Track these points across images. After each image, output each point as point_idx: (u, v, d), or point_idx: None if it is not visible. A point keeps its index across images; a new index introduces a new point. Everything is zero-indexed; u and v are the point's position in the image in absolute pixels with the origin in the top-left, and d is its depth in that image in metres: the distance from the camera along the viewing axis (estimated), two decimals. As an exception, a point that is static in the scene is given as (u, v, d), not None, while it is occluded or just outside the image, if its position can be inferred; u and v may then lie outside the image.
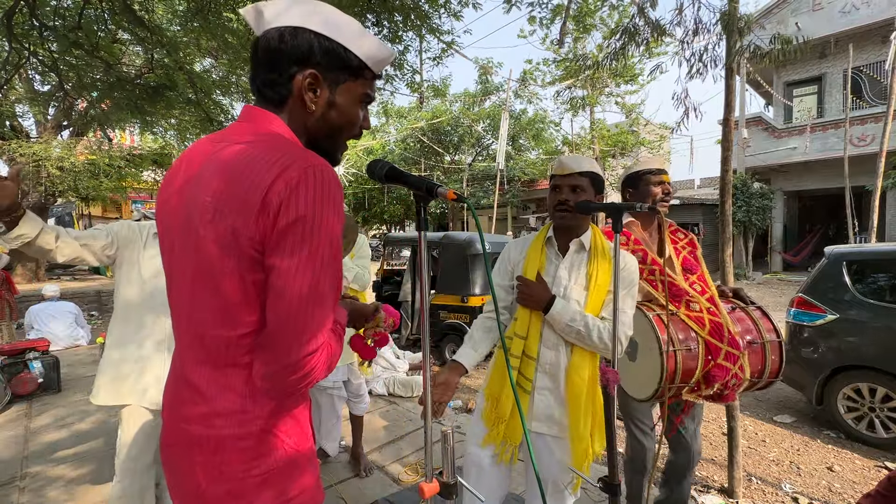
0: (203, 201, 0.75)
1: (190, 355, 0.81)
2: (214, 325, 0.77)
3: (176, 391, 0.84)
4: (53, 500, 2.55)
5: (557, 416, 1.53)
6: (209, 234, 0.74)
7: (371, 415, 3.73)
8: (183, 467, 0.82)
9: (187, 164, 0.83)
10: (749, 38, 2.79)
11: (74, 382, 4.72)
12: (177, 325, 0.85)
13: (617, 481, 1.40)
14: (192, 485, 0.80)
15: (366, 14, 4.99)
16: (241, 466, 0.78)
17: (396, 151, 24.71)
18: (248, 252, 0.73)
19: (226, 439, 0.77)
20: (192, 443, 0.79)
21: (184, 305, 0.82)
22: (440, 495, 1.02)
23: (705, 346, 1.73)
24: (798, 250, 15.12)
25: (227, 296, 0.75)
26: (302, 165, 0.72)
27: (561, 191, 1.54)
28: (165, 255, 0.86)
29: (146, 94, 6.10)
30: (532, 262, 1.58)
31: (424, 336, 1.02)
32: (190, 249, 0.78)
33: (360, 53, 0.85)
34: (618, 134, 18.43)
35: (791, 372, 3.93)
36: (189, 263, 0.78)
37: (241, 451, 0.78)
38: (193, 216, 0.76)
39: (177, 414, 0.82)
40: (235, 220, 0.72)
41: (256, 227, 0.71)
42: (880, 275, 3.62)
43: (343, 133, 0.90)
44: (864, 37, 12.78)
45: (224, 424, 0.77)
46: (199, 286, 0.78)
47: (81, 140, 11.83)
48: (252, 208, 0.71)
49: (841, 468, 3.13)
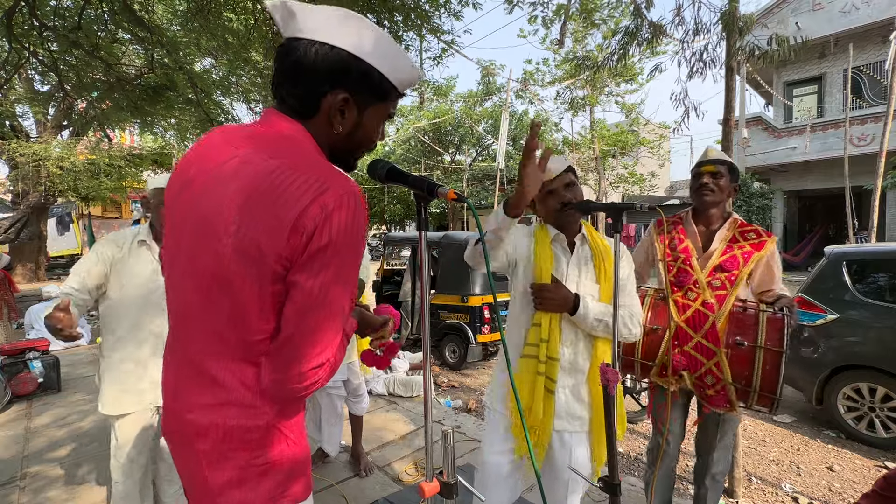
0: (227, 212, 0.75)
1: (207, 347, 0.81)
2: (229, 327, 0.79)
3: (184, 381, 0.84)
4: (53, 499, 2.55)
5: (578, 411, 1.54)
6: (230, 243, 0.75)
7: (371, 415, 3.73)
8: (185, 454, 0.84)
9: (199, 167, 0.82)
10: (749, 38, 2.79)
11: (74, 382, 4.72)
12: (188, 318, 0.84)
13: (617, 481, 1.40)
14: (196, 471, 0.82)
15: (365, 14, 4.99)
16: (245, 455, 0.80)
17: (398, 151, 24.71)
18: (272, 267, 0.74)
19: (234, 429, 0.79)
20: (198, 431, 0.80)
21: (197, 303, 0.81)
22: (440, 495, 1.02)
23: (675, 332, 1.80)
24: (798, 250, 15.12)
25: (244, 304, 0.77)
26: (338, 192, 0.74)
27: (559, 192, 1.56)
28: (170, 249, 0.86)
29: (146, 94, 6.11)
30: (545, 263, 1.55)
31: (425, 336, 1.02)
32: (208, 252, 0.78)
33: (392, 78, 0.84)
34: (618, 134, 18.42)
35: (791, 372, 3.93)
36: (207, 266, 0.78)
37: (247, 441, 0.80)
38: (214, 223, 0.76)
39: (183, 403, 0.83)
40: (262, 238, 0.73)
41: (287, 245, 0.72)
42: (880, 275, 3.62)
43: (362, 148, 0.91)
44: (865, 36, 12.78)
45: (235, 415, 0.79)
46: (216, 290, 0.78)
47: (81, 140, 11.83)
48: (284, 228, 0.72)
49: (841, 468, 3.13)
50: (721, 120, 2.79)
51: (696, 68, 2.97)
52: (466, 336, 5.33)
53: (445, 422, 3.61)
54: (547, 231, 1.60)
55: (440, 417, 3.69)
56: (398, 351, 1.26)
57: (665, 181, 25.11)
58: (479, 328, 5.30)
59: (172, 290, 0.87)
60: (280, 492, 0.84)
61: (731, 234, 1.91)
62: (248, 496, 0.81)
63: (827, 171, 13.52)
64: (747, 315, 1.77)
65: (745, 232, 1.91)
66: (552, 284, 1.51)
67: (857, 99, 13.09)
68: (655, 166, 19.28)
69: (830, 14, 13.10)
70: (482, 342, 5.35)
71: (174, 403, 0.86)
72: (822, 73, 14.19)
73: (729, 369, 1.74)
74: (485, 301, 5.37)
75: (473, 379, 5.26)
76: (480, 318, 5.32)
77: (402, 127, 23.97)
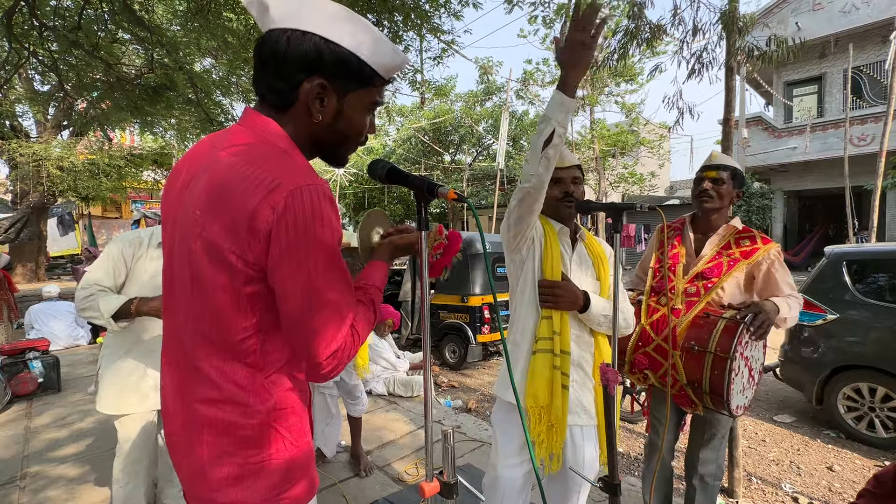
0: (194, 213, 0.76)
1: (197, 347, 0.82)
2: (213, 328, 0.79)
3: (184, 378, 0.85)
4: (53, 499, 2.55)
5: (586, 403, 1.54)
6: (199, 246, 0.76)
7: (371, 415, 3.73)
8: (185, 451, 0.84)
9: (188, 167, 0.83)
10: (749, 39, 2.79)
11: (74, 382, 4.72)
12: (180, 322, 0.85)
13: (617, 481, 1.40)
14: (197, 464, 0.82)
15: (366, 14, 4.99)
16: (241, 452, 0.80)
17: (397, 151, 24.71)
18: (240, 269, 0.74)
19: (231, 425, 0.80)
20: (202, 423, 0.81)
21: (185, 304, 0.82)
22: (441, 495, 1.02)
23: (640, 334, 1.89)
24: (798, 250, 15.12)
25: (219, 305, 0.77)
26: (288, 189, 0.71)
27: (565, 183, 1.55)
28: (166, 256, 0.87)
29: (146, 94, 6.11)
30: (554, 260, 1.51)
31: (425, 336, 1.02)
32: (185, 256, 0.79)
33: (372, 62, 0.81)
34: (618, 134, 18.42)
35: (791, 372, 3.93)
36: (186, 269, 0.79)
37: (243, 438, 0.80)
38: (188, 223, 0.77)
39: (187, 397, 0.83)
40: (220, 238, 0.74)
41: (249, 249, 0.73)
42: (880, 275, 3.62)
43: (349, 141, 0.89)
44: (865, 36, 12.78)
45: (231, 411, 0.80)
46: (197, 291, 0.79)
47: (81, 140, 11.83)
48: (239, 230, 0.72)
49: (841, 468, 3.13)
50: (721, 120, 2.79)
51: (695, 68, 2.97)
52: (466, 336, 5.34)
53: (445, 422, 3.61)
54: (552, 225, 1.57)
55: (440, 417, 3.69)
56: (457, 251, 1.16)
57: (665, 181, 25.11)
58: (479, 328, 5.31)
59: (167, 291, 0.88)
60: (276, 493, 0.83)
61: (724, 241, 1.91)
62: (244, 495, 0.80)
63: (827, 171, 13.53)
64: (709, 321, 1.80)
65: (741, 238, 1.89)
66: (563, 283, 1.49)
67: (857, 99, 13.09)
68: (655, 166, 19.28)
69: (830, 14, 13.10)
70: (482, 342, 5.35)
71: (174, 402, 0.86)
72: (822, 73, 14.19)
73: (683, 371, 1.77)
74: (485, 301, 5.37)
75: (473, 379, 5.26)
76: (480, 318, 5.32)
77: (403, 127, 23.97)
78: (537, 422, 1.47)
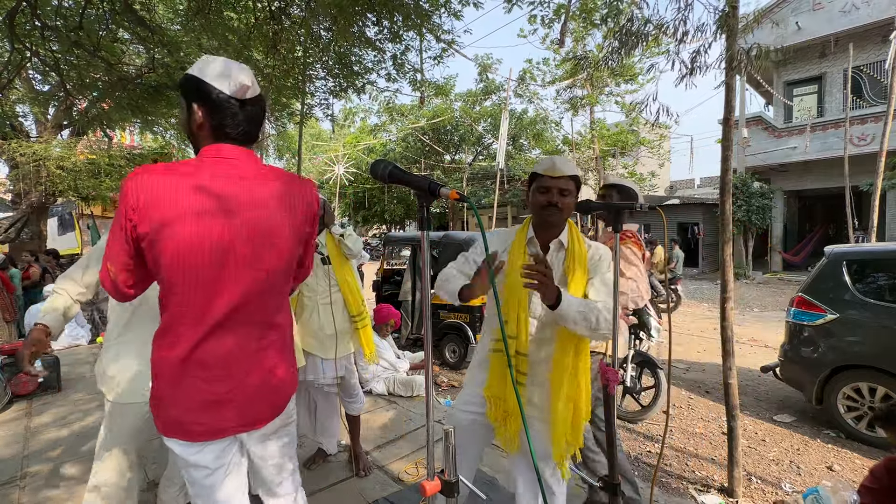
0: (277, 218, 1.15)
1: (270, 305, 1.20)
2: (285, 285, 1.26)
3: (244, 334, 1.14)
4: (53, 499, 2.56)
5: (537, 399, 1.59)
6: (289, 238, 1.18)
7: (371, 414, 3.73)
8: (248, 368, 1.15)
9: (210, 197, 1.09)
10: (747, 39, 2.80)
11: (74, 382, 4.72)
12: (240, 292, 1.12)
13: (617, 481, 1.41)
14: (261, 378, 1.17)
15: (366, 14, 4.99)
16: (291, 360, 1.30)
17: (397, 150, 24.70)
18: (304, 239, 1.26)
19: (285, 347, 1.26)
20: (266, 346, 1.18)
21: (246, 279, 1.13)
22: (442, 493, 1.02)
23: None
24: (798, 250, 15.13)
25: (290, 269, 1.24)
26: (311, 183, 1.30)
27: (551, 192, 1.56)
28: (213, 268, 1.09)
29: (147, 93, 6.11)
30: (516, 263, 1.57)
31: (427, 336, 1.03)
32: (270, 252, 1.15)
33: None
34: (618, 133, 18.43)
35: (791, 371, 3.93)
36: (270, 262, 1.15)
37: (290, 352, 1.29)
38: (273, 230, 1.14)
39: (252, 343, 1.16)
40: (304, 224, 1.23)
41: (313, 222, 1.27)
42: (880, 274, 3.62)
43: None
44: (865, 36, 12.78)
45: (286, 336, 1.28)
46: (273, 262, 1.16)
47: (81, 139, 11.82)
48: (312, 211, 1.25)
49: (841, 468, 3.13)
50: (721, 119, 2.79)
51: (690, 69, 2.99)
52: (466, 336, 5.34)
53: (446, 421, 3.61)
54: (525, 233, 1.66)
55: (440, 417, 3.69)
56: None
57: (665, 181, 25.12)
58: (478, 328, 5.31)
59: (213, 272, 1.13)
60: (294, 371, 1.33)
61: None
62: (288, 371, 1.26)
63: (827, 171, 13.52)
64: None
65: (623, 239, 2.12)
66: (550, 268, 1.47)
67: (857, 99, 13.09)
68: (655, 166, 19.29)
69: (830, 14, 13.10)
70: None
71: (239, 352, 1.14)
72: (823, 72, 14.19)
73: None
74: (484, 301, 5.37)
75: (473, 378, 5.26)
76: (480, 317, 5.32)
77: (402, 126, 23.97)
78: (495, 409, 1.61)
